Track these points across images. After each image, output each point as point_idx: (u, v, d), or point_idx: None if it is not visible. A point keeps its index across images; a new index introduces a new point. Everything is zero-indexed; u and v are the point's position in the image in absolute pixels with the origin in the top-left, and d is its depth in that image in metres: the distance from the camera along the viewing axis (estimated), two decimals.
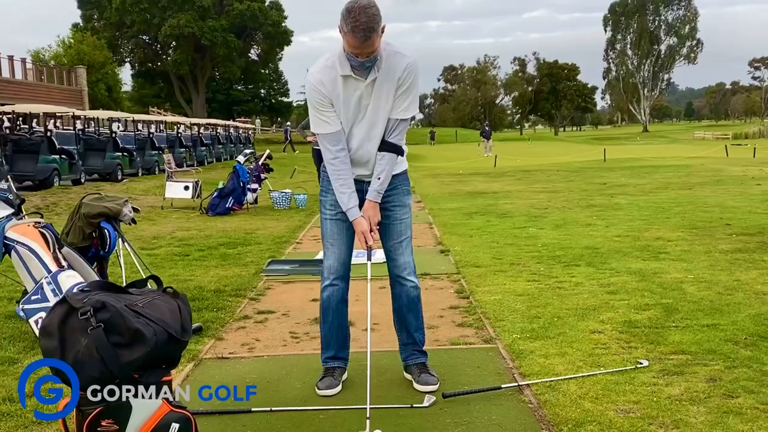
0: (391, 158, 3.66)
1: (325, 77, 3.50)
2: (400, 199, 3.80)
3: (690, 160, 26.83)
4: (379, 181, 3.64)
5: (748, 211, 10.44)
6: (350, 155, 3.65)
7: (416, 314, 3.91)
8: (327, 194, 3.82)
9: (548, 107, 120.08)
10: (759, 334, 4.40)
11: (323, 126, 3.59)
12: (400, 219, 3.79)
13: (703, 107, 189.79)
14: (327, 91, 3.50)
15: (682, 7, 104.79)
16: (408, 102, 3.58)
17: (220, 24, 63.77)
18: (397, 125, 3.62)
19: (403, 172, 3.86)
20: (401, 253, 3.80)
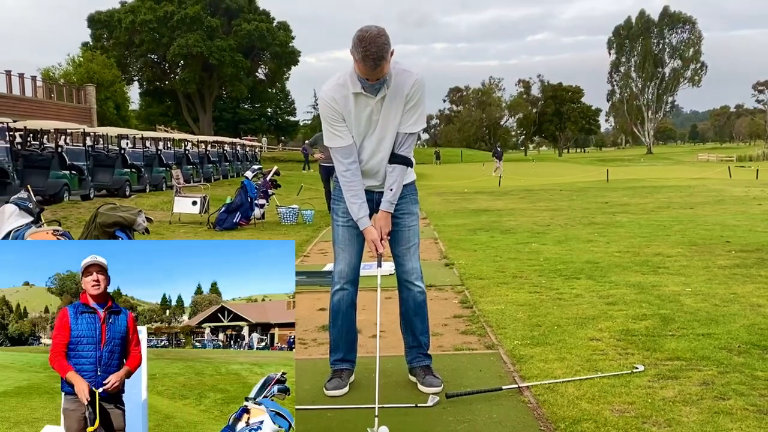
0: (402, 170, 3.86)
1: (337, 94, 3.71)
2: (408, 208, 3.99)
3: (693, 181, 27.00)
4: (391, 192, 3.84)
5: (748, 229, 10.59)
6: (361, 167, 3.86)
7: (422, 318, 4.08)
8: (339, 202, 4.00)
9: (552, 129, 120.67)
10: (752, 343, 4.55)
11: (336, 140, 3.79)
12: (408, 226, 3.98)
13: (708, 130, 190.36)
14: (339, 107, 3.71)
15: (686, 30, 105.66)
16: (416, 117, 3.79)
17: (228, 44, 64.56)
18: (406, 139, 3.82)
19: (412, 183, 4.06)
20: (409, 258, 3.99)
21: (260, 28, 65.95)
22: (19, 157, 18.22)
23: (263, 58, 71.72)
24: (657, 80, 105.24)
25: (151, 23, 63.52)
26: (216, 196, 17.56)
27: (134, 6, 65.20)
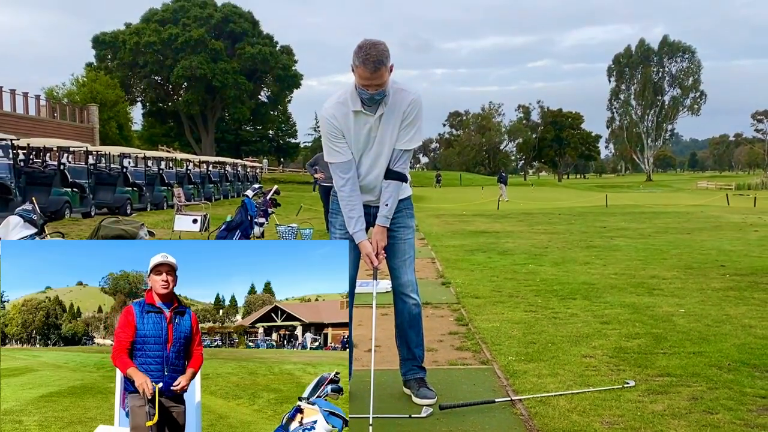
0: (396, 185, 3.96)
1: (337, 112, 3.84)
2: (404, 221, 4.09)
3: (691, 208, 27.12)
4: (387, 207, 3.95)
5: (743, 254, 10.67)
6: (359, 182, 3.96)
7: (417, 330, 4.15)
8: (337, 216, 4.11)
9: (552, 154, 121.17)
10: (742, 361, 4.62)
11: (335, 155, 3.90)
12: (404, 239, 4.08)
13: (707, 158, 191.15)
14: (339, 123, 3.84)
15: (685, 59, 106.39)
16: (411, 134, 3.91)
17: (232, 66, 65.12)
18: (401, 155, 3.94)
19: (407, 197, 4.16)
20: (405, 271, 4.08)
21: (263, 52, 66.56)
22: (21, 174, 18.36)
23: (266, 81, 72.29)
24: (656, 108, 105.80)
25: (156, 45, 64.12)
26: (216, 215, 17.66)
27: (139, 28, 65.88)
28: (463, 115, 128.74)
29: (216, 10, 67.40)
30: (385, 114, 3.82)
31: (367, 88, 3.67)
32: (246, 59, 66.05)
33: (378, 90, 3.69)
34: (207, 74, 63.55)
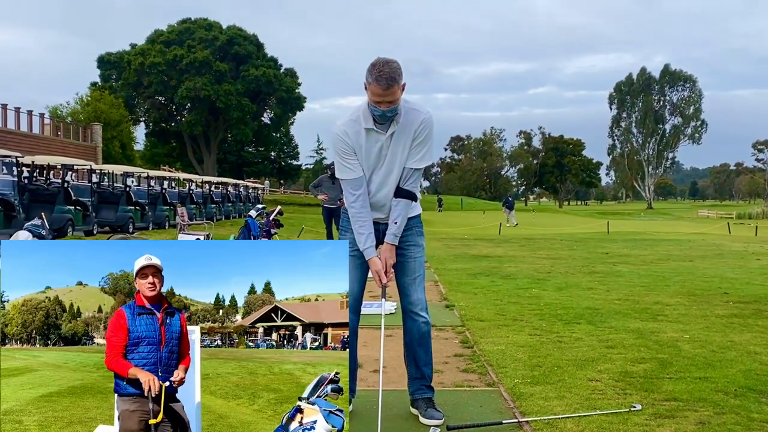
0: (406, 204, 4.01)
1: (349, 129, 3.90)
2: (414, 239, 4.13)
3: (692, 236, 27.15)
4: (396, 225, 3.98)
5: (746, 282, 10.68)
6: (369, 199, 4.01)
7: (426, 349, 4.17)
8: (346, 233, 4.14)
9: (553, 180, 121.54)
10: (749, 387, 4.63)
11: (347, 172, 3.95)
12: (414, 257, 4.11)
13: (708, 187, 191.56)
14: (351, 141, 3.89)
15: (686, 88, 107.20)
16: (422, 153, 3.97)
17: (236, 88, 65.50)
18: (411, 174, 3.98)
19: (417, 216, 4.20)
20: (414, 289, 4.10)
21: (267, 74, 67.01)
22: (25, 191, 18.42)
23: (269, 103, 72.69)
24: (657, 136, 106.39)
25: (160, 66, 64.57)
26: (218, 235, 17.69)
27: (144, 49, 66.39)
28: (464, 140, 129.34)
29: (221, 32, 67.99)
30: (396, 132, 3.87)
31: (380, 105, 3.73)
32: (250, 81, 66.48)
33: (390, 107, 3.74)
34: (211, 95, 63.94)
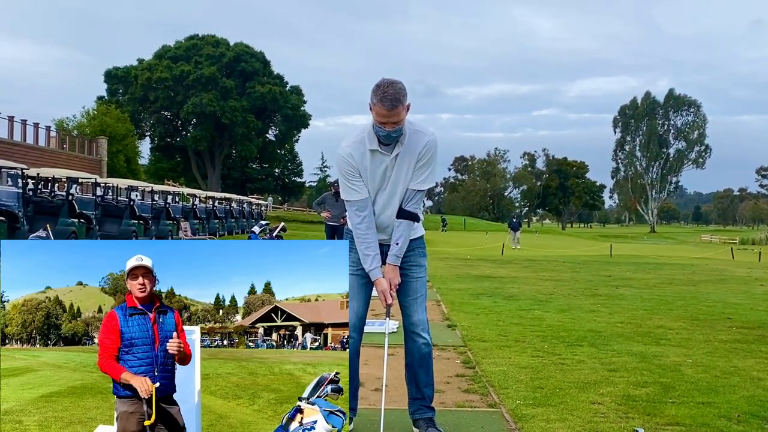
0: (408, 225, 4.01)
1: (354, 151, 3.91)
2: (416, 260, 4.12)
3: (695, 260, 27.09)
4: (397, 246, 3.98)
5: (749, 308, 10.64)
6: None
7: (426, 370, 4.15)
8: (350, 252, 4.14)
9: (556, 202, 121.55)
10: (752, 413, 4.60)
11: (352, 194, 3.96)
12: (416, 277, 4.10)
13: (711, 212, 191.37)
14: (356, 162, 3.90)
15: (691, 113, 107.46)
16: (426, 175, 3.98)
17: (241, 104, 65.86)
18: (414, 195, 3.99)
19: (420, 237, 4.20)
20: (416, 310, 4.09)
21: (273, 91, 67.39)
22: (29, 203, 18.47)
23: (274, 120, 73.04)
24: (661, 160, 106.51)
25: (167, 81, 65.01)
26: None
27: (151, 64, 66.87)
28: (468, 160, 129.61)
29: (228, 49, 68.50)
30: (401, 154, 3.89)
31: (384, 125, 3.74)
32: (256, 98, 66.84)
33: (394, 128, 3.76)
34: (216, 111, 64.28)
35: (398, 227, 4.00)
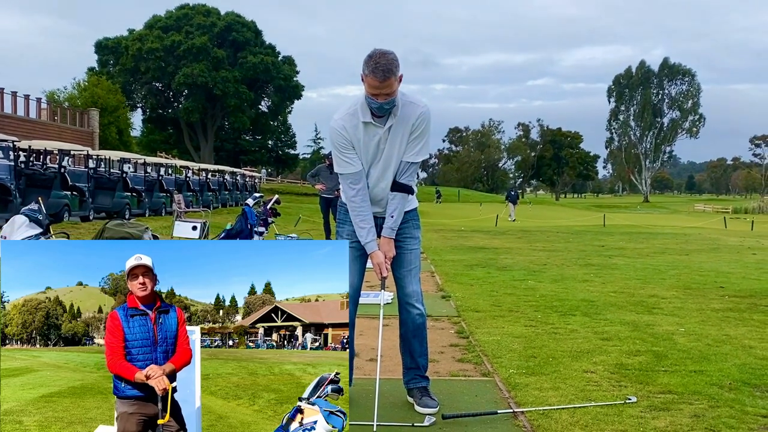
0: (402, 197, 3.99)
1: (347, 123, 3.87)
2: (410, 232, 4.12)
3: (688, 230, 27.20)
4: (392, 218, 3.97)
5: (742, 276, 10.70)
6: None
7: (420, 340, 4.17)
8: (344, 225, 4.13)
9: (550, 173, 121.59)
10: (743, 381, 4.64)
11: (346, 166, 3.93)
12: (410, 249, 4.10)
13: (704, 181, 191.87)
14: (349, 135, 3.87)
15: (685, 82, 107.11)
16: (419, 147, 3.94)
17: (233, 75, 65.26)
18: (408, 167, 3.97)
19: (414, 209, 4.19)
20: (410, 281, 4.10)
21: (266, 62, 66.75)
22: (21, 176, 18.34)
23: (267, 91, 72.47)
24: (655, 130, 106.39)
25: (158, 52, 64.28)
26: (215, 223, 17.65)
27: (142, 34, 66.07)
28: (462, 132, 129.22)
29: (219, 18, 67.65)
30: (394, 126, 3.85)
31: (376, 97, 3.70)
32: (248, 68, 66.22)
33: (387, 99, 3.71)
34: (208, 82, 63.71)
35: (392, 200, 3.98)
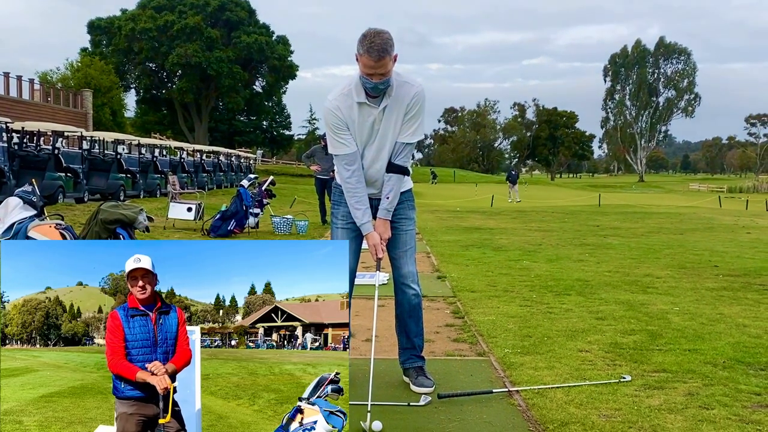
0: (398, 179, 3.97)
1: (342, 104, 3.84)
2: (405, 213, 4.11)
3: (683, 209, 27.26)
4: (388, 200, 3.96)
5: (736, 255, 10.74)
6: None
7: (416, 320, 4.18)
8: (339, 206, 4.12)
9: (546, 153, 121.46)
10: (737, 359, 4.67)
11: (341, 147, 3.90)
12: (405, 230, 4.10)
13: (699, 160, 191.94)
14: (344, 116, 3.83)
15: (681, 61, 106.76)
16: (414, 128, 3.92)
17: (227, 55, 64.74)
18: (403, 148, 3.94)
19: (408, 190, 4.18)
20: (405, 262, 4.09)
21: (259, 41, 66.20)
22: (15, 158, 18.23)
23: (261, 71, 71.94)
24: (651, 109, 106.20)
25: (151, 32, 63.68)
26: (210, 205, 17.62)
27: (135, 14, 65.39)
28: (458, 112, 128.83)
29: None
30: (388, 106, 3.82)
31: (371, 77, 3.67)
32: (241, 48, 65.68)
33: (382, 79, 3.68)
34: (202, 62, 63.18)
35: (388, 181, 3.96)
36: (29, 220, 5.18)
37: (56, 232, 5.14)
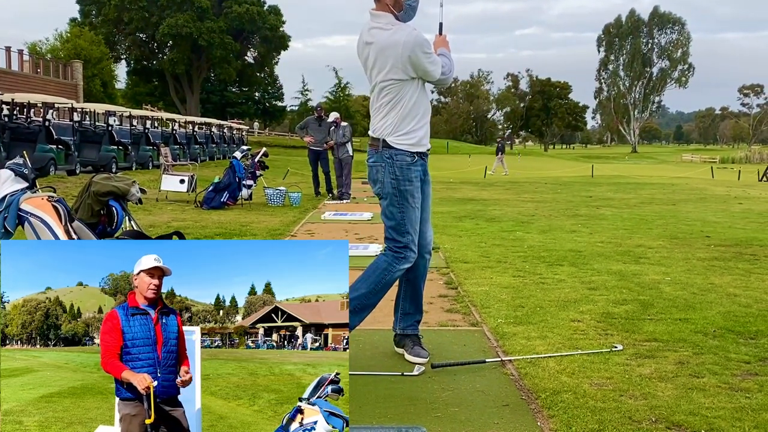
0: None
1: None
2: (428, 177, 4.25)
3: (676, 180, 27.33)
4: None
5: (728, 226, 10.80)
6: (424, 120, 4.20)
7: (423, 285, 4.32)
8: (411, 183, 4.09)
9: (539, 124, 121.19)
10: (727, 328, 4.72)
11: (437, 63, 4.11)
12: (429, 195, 4.26)
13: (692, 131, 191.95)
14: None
15: (675, 31, 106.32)
16: None
17: (218, 25, 64.07)
18: None
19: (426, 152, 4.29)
20: (428, 227, 4.26)
21: (251, 11, 65.49)
22: (5, 130, 18.09)
23: (252, 42, 71.25)
24: (644, 80, 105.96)
25: (141, 2, 62.85)
26: (203, 177, 17.55)
27: None
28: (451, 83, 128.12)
29: None
30: None
31: None
32: (233, 18, 64.97)
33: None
34: (193, 33, 62.50)
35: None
36: (21, 193, 5.15)
37: (49, 205, 5.11)
